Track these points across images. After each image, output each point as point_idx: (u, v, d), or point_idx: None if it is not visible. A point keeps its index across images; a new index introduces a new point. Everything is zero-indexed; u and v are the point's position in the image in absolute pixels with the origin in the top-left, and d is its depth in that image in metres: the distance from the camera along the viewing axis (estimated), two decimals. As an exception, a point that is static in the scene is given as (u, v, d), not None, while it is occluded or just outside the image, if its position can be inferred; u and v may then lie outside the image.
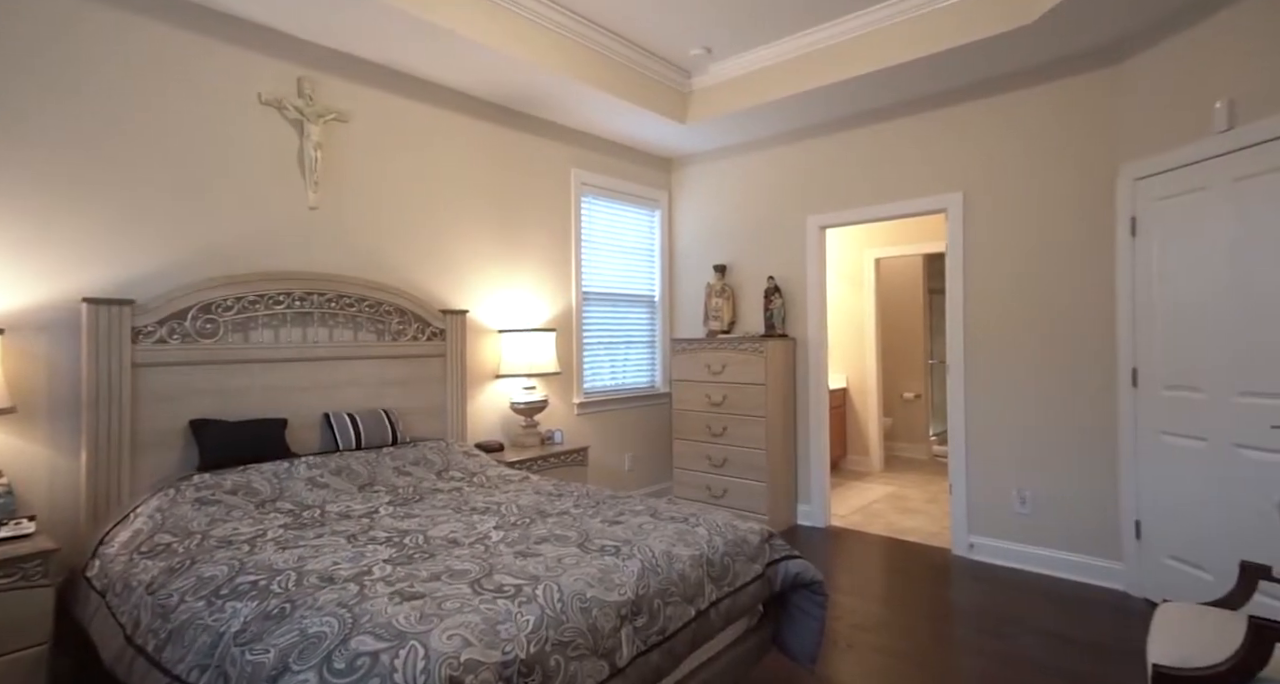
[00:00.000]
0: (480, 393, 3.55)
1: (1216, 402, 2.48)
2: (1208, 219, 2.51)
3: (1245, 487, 2.36)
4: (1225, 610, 1.73)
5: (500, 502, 2.26)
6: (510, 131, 3.72)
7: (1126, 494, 2.90)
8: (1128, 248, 2.88)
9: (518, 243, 3.77)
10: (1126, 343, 2.89)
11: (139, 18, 2.35)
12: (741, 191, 4.41)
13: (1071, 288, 3.10)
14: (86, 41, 2.24)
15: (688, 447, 4.20)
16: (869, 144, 3.81)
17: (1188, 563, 2.62)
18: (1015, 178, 3.27)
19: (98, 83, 2.26)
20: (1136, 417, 2.85)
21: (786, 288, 4.19)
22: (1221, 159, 2.45)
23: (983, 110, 3.37)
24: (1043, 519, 3.18)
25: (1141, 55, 2.80)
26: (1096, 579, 3.02)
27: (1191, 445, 2.59)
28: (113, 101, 2.30)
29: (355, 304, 2.90)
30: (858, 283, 5.73)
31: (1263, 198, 2.31)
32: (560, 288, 4.02)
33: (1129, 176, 2.87)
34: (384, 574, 1.53)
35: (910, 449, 6.28)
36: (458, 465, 2.78)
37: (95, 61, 2.26)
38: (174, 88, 2.44)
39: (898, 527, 3.99)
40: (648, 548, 1.78)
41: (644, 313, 4.68)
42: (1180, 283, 2.64)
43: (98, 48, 2.26)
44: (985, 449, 3.37)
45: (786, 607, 2.12)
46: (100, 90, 2.27)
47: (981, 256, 3.39)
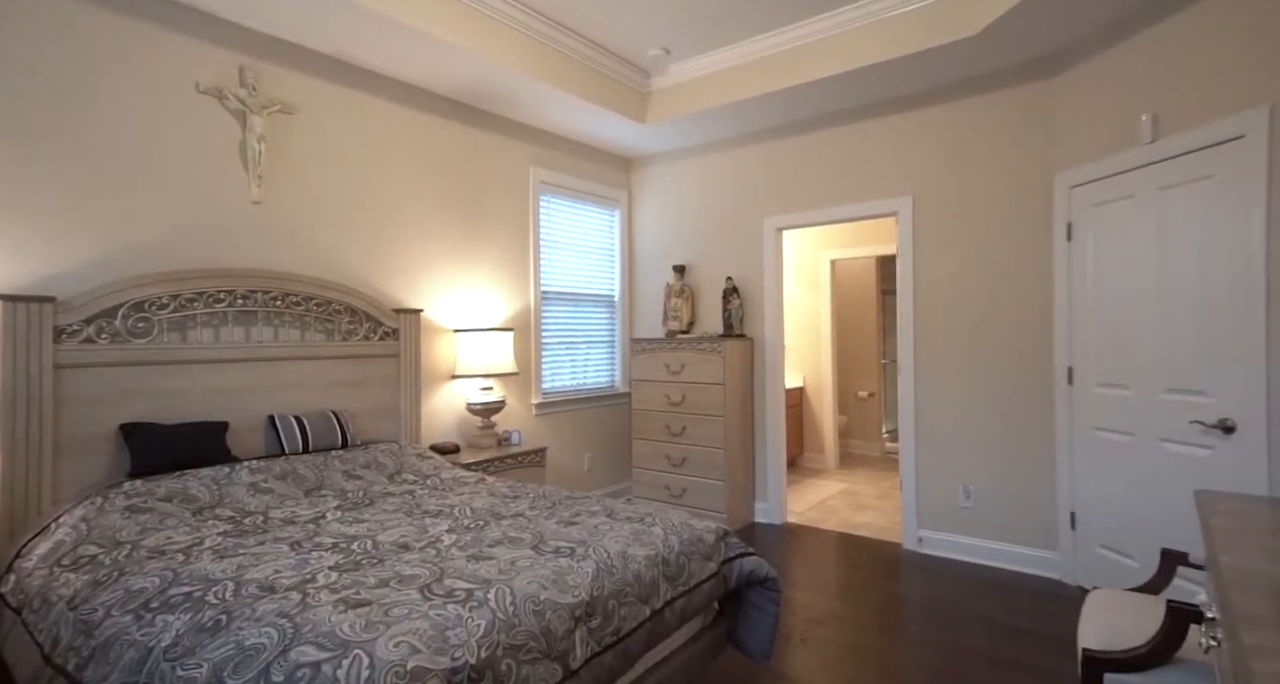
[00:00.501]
0: (436, 394, 3.48)
1: (1143, 398, 2.62)
2: (1135, 226, 2.66)
3: (1168, 478, 2.51)
4: (1148, 595, 1.83)
5: (454, 504, 2.22)
6: (468, 128, 3.65)
7: (1062, 487, 3.04)
8: (1064, 252, 3.02)
9: (475, 241, 3.71)
10: (1063, 343, 3.03)
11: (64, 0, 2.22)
12: (701, 192, 4.45)
13: (1014, 289, 3.23)
14: (6, 22, 2.09)
15: (647, 446, 4.21)
16: (824, 148, 3.89)
17: (1117, 551, 2.76)
18: (962, 183, 3.39)
19: (16, 64, 2.12)
20: (1072, 413, 2.99)
21: (744, 288, 4.24)
22: (1147, 169, 2.59)
23: (932, 117, 3.48)
24: (986, 513, 3.31)
25: (1075, 69, 2.94)
26: (1035, 569, 3.15)
27: (1121, 440, 2.73)
28: (34, 85, 2.15)
29: (303, 303, 2.80)
30: (814, 284, 5.85)
31: (1183, 206, 2.45)
32: (519, 287, 3.97)
33: (1065, 184, 3.01)
34: (329, 581, 1.48)
35: (864, 446, 6.44)
36: (411, 468, 2.71)
37: (15, 42, 2.11)
38: (103, 73, 2.30)
39: (851, 522, 4.09)
40: (603, 549, 1.77)
41: (604, 313, 4.67)
42: (1111, 286, 2.78)
43: (19, 27, 2.12)
44: (933, 446, 3.48)
45: (741, 603, 2.14)
46: (19, 73, 2.12)
47: (930, 258, 3.50)
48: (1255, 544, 1.09)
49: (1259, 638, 0.74)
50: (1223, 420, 2.28)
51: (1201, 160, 2.37)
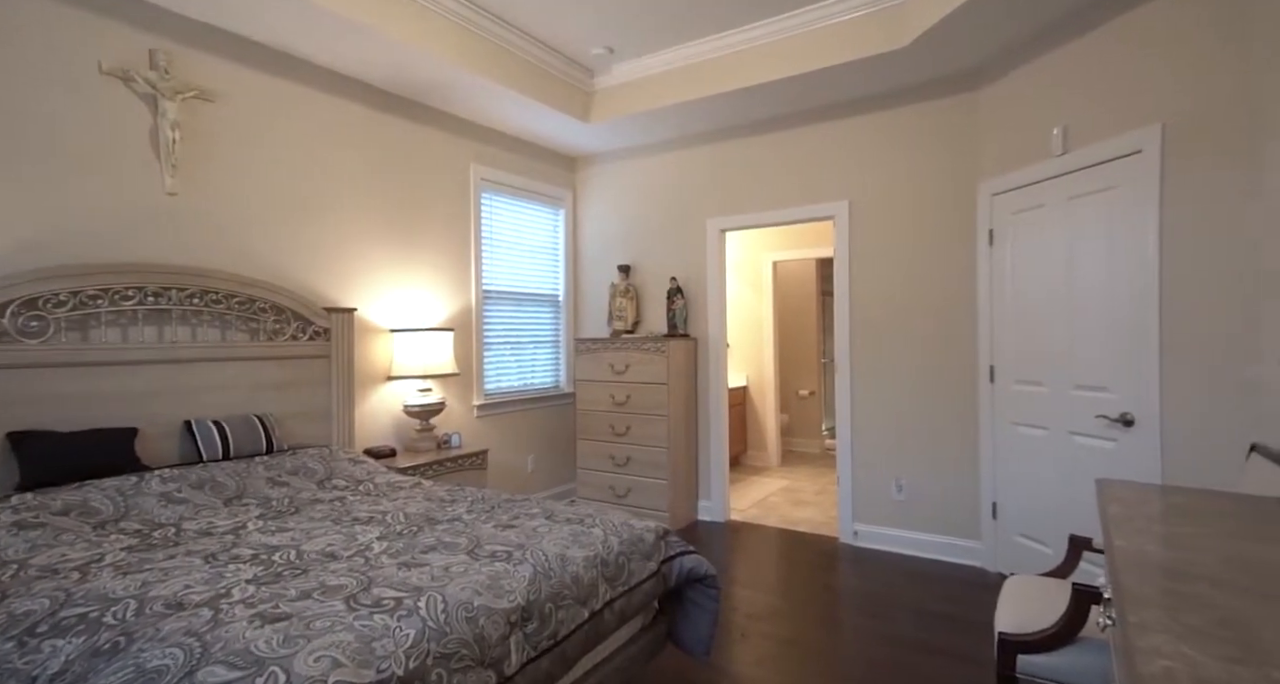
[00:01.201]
0: (371, 396, 3.35)
1: (1055, 395, 2.80)
2: (1047, 233, 2.83)
3: (1077, 469, 2.69)
4: (1058, 579, 1.95)
5: (386, 510, 2.14)
6: (406, 123, 3.54)
7: (985, 479, 3.21)
8: (986, 256, 3.19)
9: (414, 239, 3.59)
10: (985, 342, 3.20)
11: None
12: (645, 192, 4.46)
13: (943, 292, 3.39)
14: None
15: (591, 447, 4.19)
16: (766, 151, 3.97)
17: (1032, 539, 2.94)
18: (894, 189, 3.53)
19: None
20: (993, 409, 3.17)
21: (689, 289, 4.28)
22: (1058, 180, 2.77)
23: (867, 125, 3.61)
24: (916, 505, 3.46)
25: (996, 83, 3.11)
26: (961, 558, 3.32)
27: (1036, 434, 2.91)
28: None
29: (224, 301, 2.64)
30: (757, 285, 5.97)
31: (1089, 216, 2.63)
32: (459, 286, 3.88)
33: (987, 192, 3.18)
34: (245, 595, 1.40)
35: (805, 444, 6.62)
36: (342, 473, 2.60)
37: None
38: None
39: (791, 518, 4.20)
40: (541, 551, 1.75)
41: (548, 312, 4.62)
42: (1027, 289, 2.96)
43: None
44: (868, 442, 3.61)
45: (681, 602, 2.16)
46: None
47: (865, 261, 3.63)
48: (1145, 529, 1.17)
49: (1142, 616, 0.80)
50: (1124, 414, 2.46)
51: (1105, 173, 2.55)
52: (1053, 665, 1.60)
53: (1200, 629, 0.76)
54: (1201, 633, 0.75)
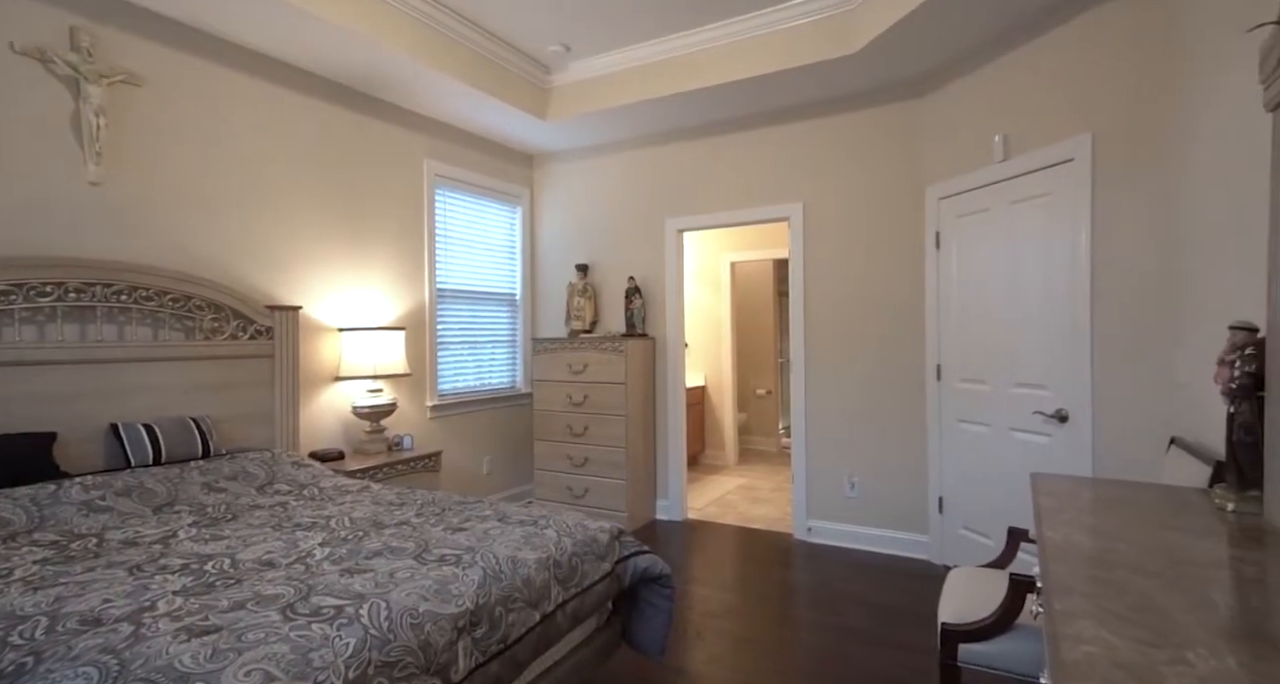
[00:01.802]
0: (318, 397, 3.23)
1: (996, 392, 2.91)
2: (990, 236, 2.94)
3: (1016, 463, 2.80)
4: (997, 570, 2.03)
5: (331, 515, 2.07)
6: (356, 115, 3.43)
7: (932, 475, 3.31)
8: (933, 258, 3.29)
9: (364, 235, 3.48)
10: (933, 342, 3.31)
11: None
12: (604, 192, 4.44)
13: (893, 292, 3.48)
14: None
15: (549, 447, 4.15)
16: (723, 153, 4.01)
17: (976, 531, 3.05)
18: (847, 191, 3.61)
19: None
20: (940, 406, 3.27)
21: (647, 288, 4.28)
22: (999, 185, 2.88)
23: (821, 128, 3.68)
24: (868, 501, 3.54)
25: (942, 90, 3.21)
26: (909, 551, 3.42)
27: (979, 430, 3.02)
28: None
29: (156, 298, 2.51)
30: (715, 285, 6.02)
31: (1028, 220, 2.74)
32: (412, 284, 3.78)
33: (934, 195, 3.28)
34: (171, 608, 1.32)
35: (762, 442, 6.72)
36: (285, 478, 2.50)
37: None
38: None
39: (748, 516, 4.24)
40: (491, 554, 1.71)
41: (505, 312, 4.55)
42: (971, 290, 3.06)
43: None
44: (822, 440, 3.68)
45: (636, 602, 2.15)
46: None
47: (819, 263, 3.70)
48: (1074, 520, 1.23)
49: (1067, 604, 0.83)
50: (1059, 411, 2.58)
51: (1042, 179, 2.67)
52: (991, 653, 1.66)
53: (1120, 614, 0.79)
54: (1120, 618, 0.78)
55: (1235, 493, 1.26)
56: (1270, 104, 1.18)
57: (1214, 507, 1.28)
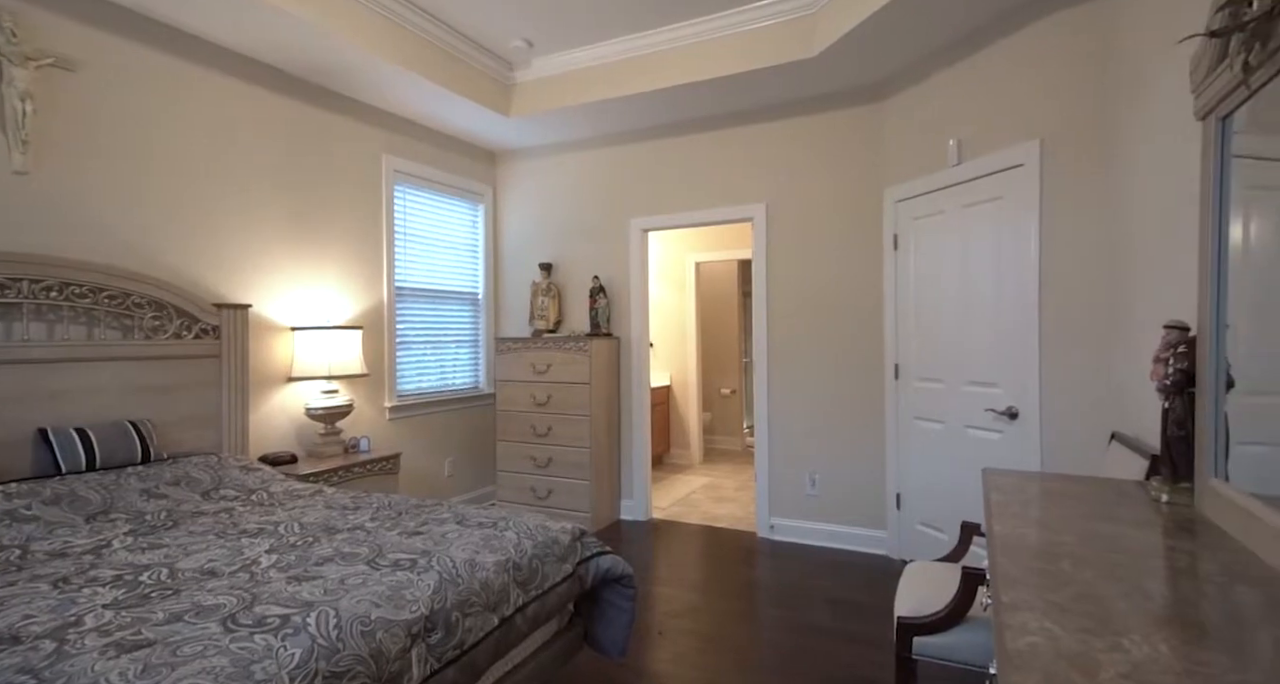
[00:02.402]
0: (269, 398, 3.11)
1: (951, 390, 2.99)
2: (944, 238, 3.03)
3: (969, 459, 2.88)
4: (951, 564, 2.08)
5: (280, 521, 1.99)
6: (309, 108, 3.31)
7: (890, 472, 3.39)
8: (892, 260, 3.37)
9: (318, 232, 3.37)
10: (891, 342, 3.38)
11: None
12: (568, 190, 4.41)
13: (854, 293, 3.55)
14: None
15: (512, 448, 4.09)
16: (688, 152, 4.02)
17: (931, 527, 3.13)
18: (809, 193, 3.66)
19: None
20: (898, 405, 3.35)
21: (611, 288, 4.27)
22: (953, 189, 2.96)
23: (783, 130, 3.73)
24: (828, 498, 3.60)
25: (900, 95, 3.29)
26: (868, 547, 3.48)
27: (935, 427, 3.10)
28: None
29: (91, 294, 2.38)
30: (680, 285, 6.04)
31: (980, 223, 2.83)
32: (370, 282, 3.68)
33: (892, 198, 3.36)
34: (100, 623, 1.25)
35: (727, 441, 6.77)
36: (232, 483, 2.40)
37: None
38: None
39: (712, 514, 4.27)
40: (448, 558, 1.67)
41: (467, 311, 4.48)
42: (927, 291, 3.14)
43: None
44: (784, 439, 3.73)
45: (598, 602, 2.14)
46: None
47: (781, 263, 3.74)
48: (1021, 514, 1.26)
49: (1013, 595, 0.85)
50: (1009, 408, 2.66)
51: (994, 183, 2.75)
52: (945, 645, 1.69)
53: (1061, 605, 0.82)
54: (1062, 608, 0.81)
55: (1169, 485, 1.32)
56: (1200, 112, 1.24)
57: (1150, 498, 1.34)
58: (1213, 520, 1.16)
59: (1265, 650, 0.70)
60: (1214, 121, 1.18)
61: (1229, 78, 1.09)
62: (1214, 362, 1.17)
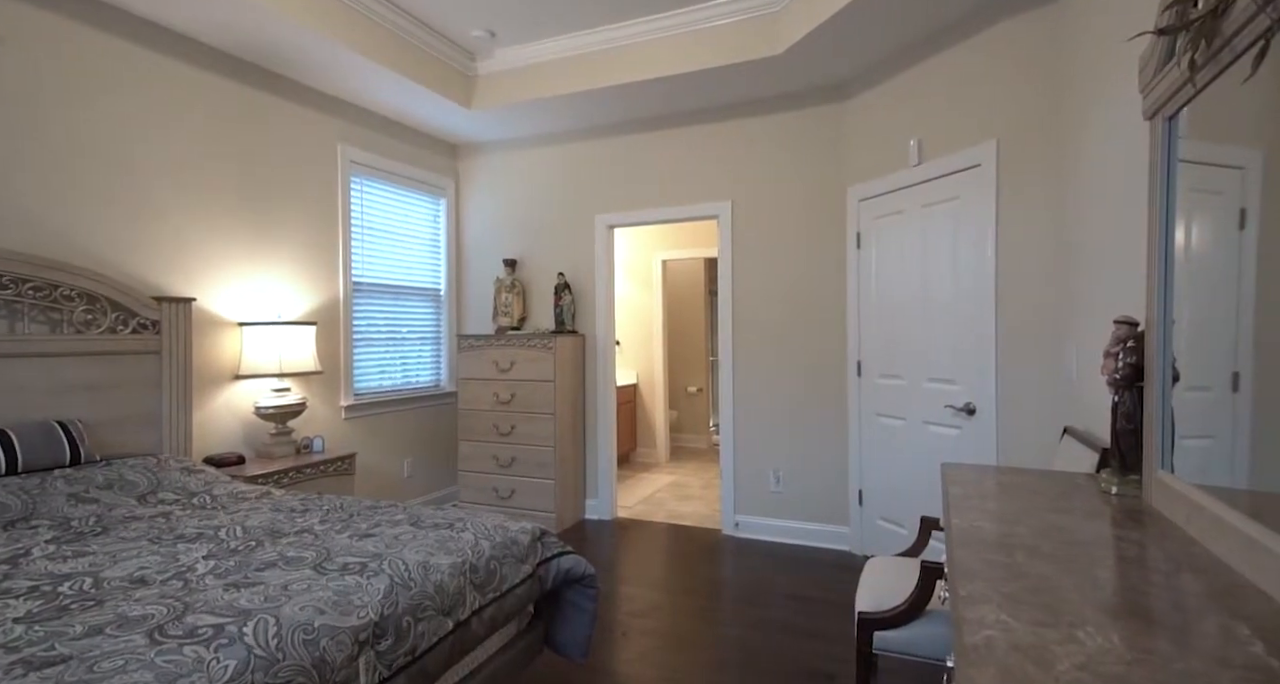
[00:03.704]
0: (215, 397, 2.97)
1: (911, 387, 3.04)
2: (905, 237, 3.07)
3: (928, 455, 2.93)
4: (911, 559, 2.10)
5: (221, 525, 1.89)
6: (259, 93, 3.17)
7: (853, 468, 3.42)
8: (855, 258, 3.40)
9: (269, 223, 3.23)
10: (854, 339, 3.42)
11: None
12: (533, 185, 4.34)
13: (817, 291, 3.57)
14: None
15: (474, 448, 4.01)
16: (654, 149, 3.99)
17: (891, 522, 3.17)
18: (774, 191, 3.68)
19: None
20: (860, 401, 3.38)
21: (577, 285, 4.21)
22: (914, 189, 3.01)
23: (749, 128, 3.73)
24: (792, 495, 3.62)
25: (863, 94, 3.32)
26: (830, 543, 3.52)
27: (896, 423, 3.14)
28: None
29: (13, 285, 2.22)
30: (646, 283, 6.02)
31: (939, 222, 2.88)
32: (325, 277, 3.55)
33: (855, 197, 3.39)
34: (7, 639, 1.15)
35: (693, 439, 6.78)
36: (172, 485, 2.27)
37: None
38: None
39: (677, 513, 4.25)
40: (400, 561, 1.61)
41: (428, 307, 4.36)
42: (888, 289, 3.18)
43: None
44: (749, 436, 3.73)
45: (559, 604, 2.09)
46: None
47: (746, 261, 3.75)
48: (978, 507, 1.27)
49: (970, 588, 0.84)
50: (967, 404, 2.71)
51: (953, 183, 2.80)
52: (905, 640, 1.70)
53: (1016, 597, 0.81)
54: (1017, 600, 0.80)
55: (1118, 477, 1.35)
56: (1148, 112, 1.26)
57: (1100, 490, 1.36)
58: (1160, 511, 1.18)
59: (1209, 637, 0.70)
60: (1160, 121, 1.21)
61: (1175, 76, 1.11)
62: (1161, 356, 1.19)
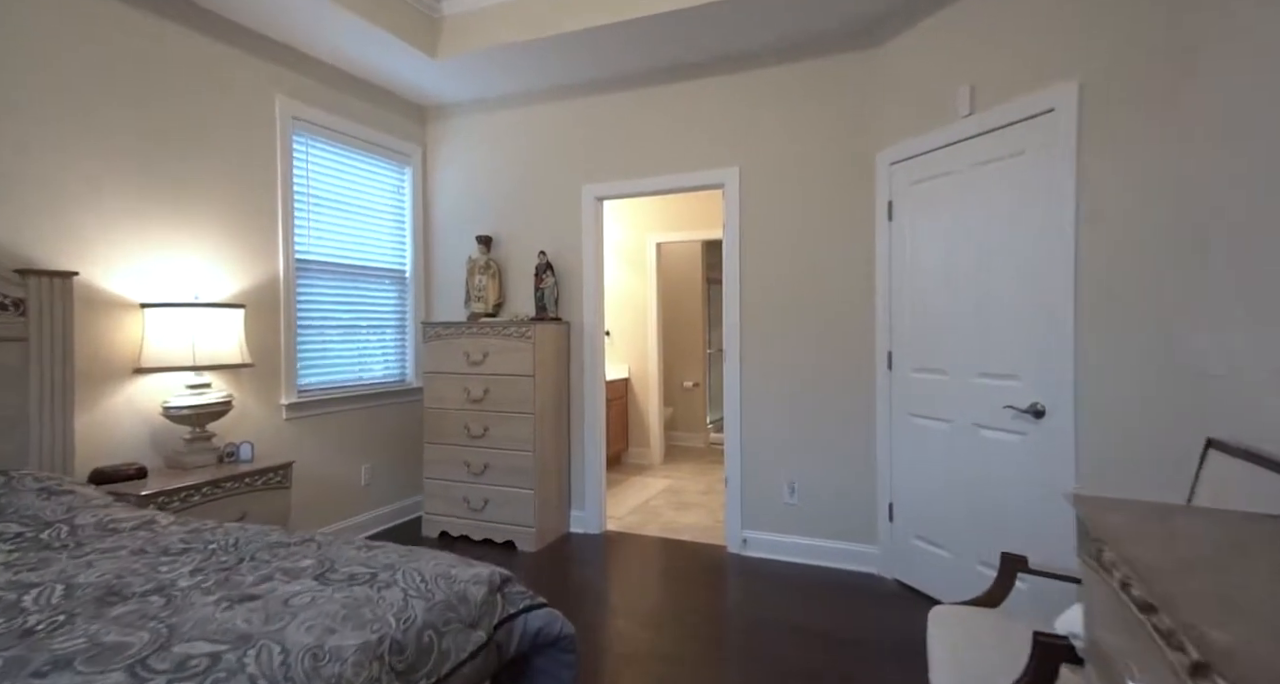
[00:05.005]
0: (112, 395, 2.42)
1: (958, 383, 2.54)
2: (952, 204, 2.56)
3: (981, 465, 2.43)
4: (988, 610, 1.60)
5: (41, 582, 1.34)
6: (174, 26, 2.60)
7: (882, 477, 2.92)
8: (885, 232, 2.89)
9: (184, 185, 2.67)
10: (883, 326, 2.91)
11: None
12: (510, 152, 3.79)
13: (840, 271, 3.06)
14: None
15: (441, 452, 3.47)
16: (649, 108, 3.45)
17: (930, 542, 2.68)
18: (790, 155, 3.15)
19: None
20: (891, 400, 2.88)
21: (560, 265, 3.68)
22: (964, 144, 2.49)
23: (760, 81, 3.20)
24: (810, 508, 3.12)
25: (898, 37, 2.80)
26: (855, 564, 3.02)
27: (937, 426, 2.64)
28: None
29: None
30: (639, 268, 5.48)
31: (997, 183, 2.36)
32: (259, 252, 2.99)
33: (886, 160, 2.87)
34: None
35: (690, 438, 6.28)
36: (19, 513, 1.73)
37: None
38: None
39: (674, 525, 3.75)
40: (278, 646, 1.08)
41: (391, 291, 3.81)
42: (928, 266, 2.67)
43: None
44: (758, 440, 3.23)
45: (526, 674, 1.57)
46: None
47: (757, 235, 3.23)
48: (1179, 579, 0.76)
49: None
50: (1033, 404, 2.21)
51: (1016, 135, 2.29)
52: (1006, 740, 1.21)
53: None
54: None
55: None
56: None
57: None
58: None
59: None
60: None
61: None
62: None
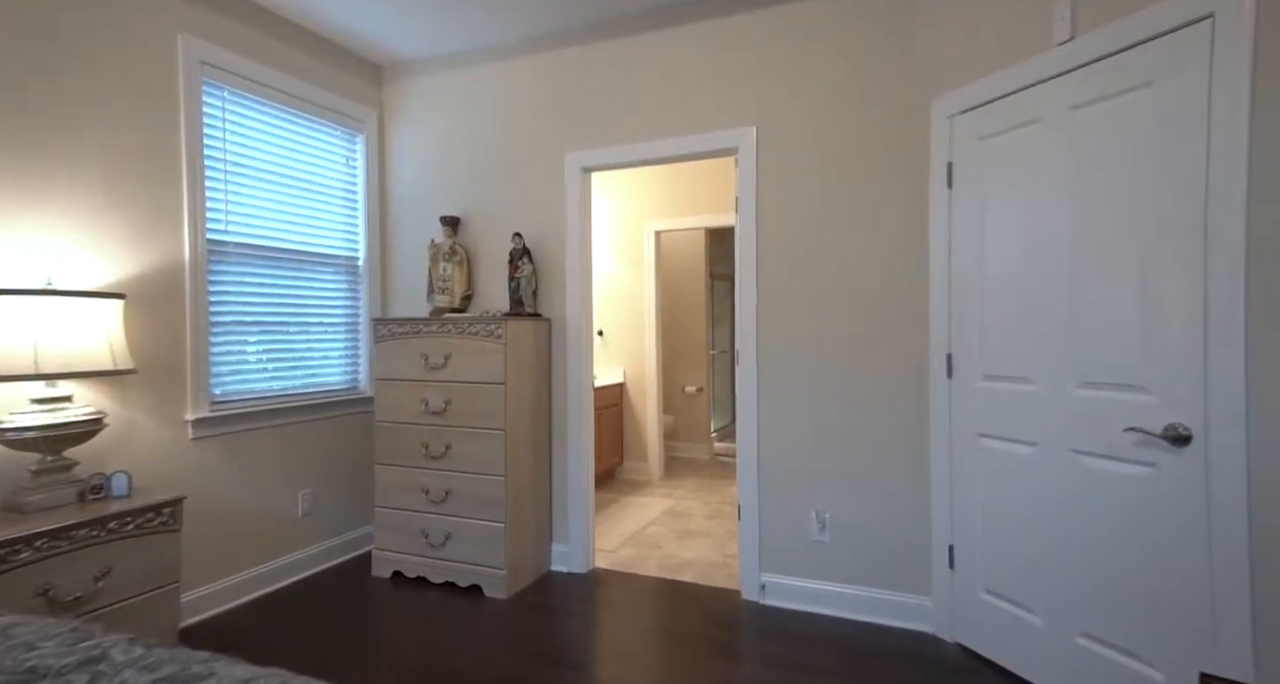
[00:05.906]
0: (-75, 413, 1.81)
1: (1050, 396, 1.93)
2: (1041, 162, 1.95)
3: (1087, 504, 1.83)
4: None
5: None
6: (17, -75, 2.00)
7: (938, 513, 2.32)
8: (944, 202, 2.28)
9: (39, 140, 2.07)
10: (941, 321, 2.30)
11: None
12: (481, 116, 3.19)
13: (882, 251, 2.46)
14: None
15: (396, 475, 2.87)
16: (648, 57, 2.85)
17: (1009, 601, 2.07)
18: (816, 111, 2.55)
19: None
20: (951, 415, 2.28)
21: (540, 251, 3.07)
22: (1060, 80, 1.89)
23: (779, 21, 2.60)
24: (845, 548, 2.51)
25: (962, -43, 2.20)
26: (903, 620, 2.41)
27: (1019, 451, 2.03)
28: None
29: None
30: (636, 260, 4.88)
31: (1106, 131, 1.76)
32: (155, 230, 2.38)
33: (943, 112, 2.27)
34: None
35: (691, 449, 5.67)
36: None
37: None
38: None
39: (676, 560, 3.14)
40: None
41: (341, 282, 3.21)
42: (1005, 245, 2.07)
43: None
44: (779, 460, 2.62)
45: None
46: None
47: (777, 209, 2.63)
48: None
49: None
50: (1171, 427, 1.61)
51: (1141, 61, 1.68)
52: None
53: None
54: None
55: None
56: None
57: None
58: None
59: None
60: None
61: None
62: None
